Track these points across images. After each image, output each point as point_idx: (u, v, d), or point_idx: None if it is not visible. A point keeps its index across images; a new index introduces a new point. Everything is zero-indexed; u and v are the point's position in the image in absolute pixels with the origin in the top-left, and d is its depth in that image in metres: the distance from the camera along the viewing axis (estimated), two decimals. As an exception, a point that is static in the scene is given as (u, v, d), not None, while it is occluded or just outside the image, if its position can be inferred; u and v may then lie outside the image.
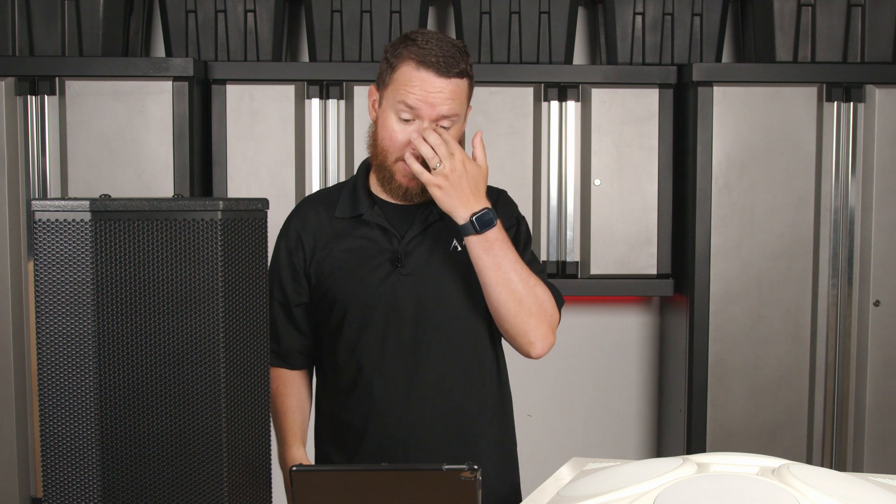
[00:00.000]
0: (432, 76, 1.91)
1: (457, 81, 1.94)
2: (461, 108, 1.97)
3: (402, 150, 1.95)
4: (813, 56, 3.25)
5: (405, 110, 1.93)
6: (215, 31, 3.27)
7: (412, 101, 1.92)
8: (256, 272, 1.54)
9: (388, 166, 1.98)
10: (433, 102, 1.92)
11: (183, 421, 1.48)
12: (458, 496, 1.45)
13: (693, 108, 3.17)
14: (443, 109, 1.92)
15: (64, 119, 3.10)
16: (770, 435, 3.20)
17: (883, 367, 3.20)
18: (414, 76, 1.92)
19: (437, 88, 1.91)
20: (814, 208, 3.18)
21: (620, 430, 3.74)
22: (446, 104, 1.92)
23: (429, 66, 1.91)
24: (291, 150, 3.21)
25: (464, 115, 2.00)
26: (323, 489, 1.49)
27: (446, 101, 1.92)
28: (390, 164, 1.98)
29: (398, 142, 1.95)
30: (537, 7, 3.28)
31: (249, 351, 1.53)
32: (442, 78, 1.92)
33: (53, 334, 1.46)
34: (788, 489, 1.34)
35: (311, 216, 2.07)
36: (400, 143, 1.95)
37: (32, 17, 3.18)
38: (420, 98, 1.91)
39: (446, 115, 1.93)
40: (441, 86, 1.92)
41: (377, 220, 2.02)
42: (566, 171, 3.28)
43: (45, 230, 1.46)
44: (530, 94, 3.24)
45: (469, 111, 2.04)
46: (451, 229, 2.02)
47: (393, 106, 1.95)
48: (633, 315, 3.74)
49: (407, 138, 1.94)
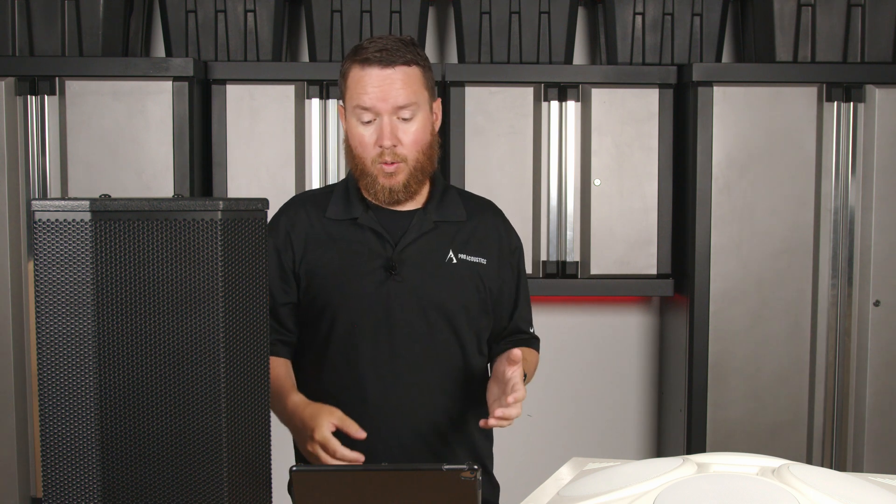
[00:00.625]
0: (376, 70, 1.94)
1: (404, 69, 1.95)
2: (417, 97, 1.97)
3: (373, 151, 1.97)
4: (813, 56, 3.25)
5: (363, 112, 1.96)
6: (215, 31, 3.28)
7: (366, 102, 1.95)
8: (256, 272, 1.54)
9: (368, 171, 1.99)
10: (384, 95, 1.94)
11: (183, 421, 1.48)
12: (458, 496, 1.45)
13: (693, 108, 3.18)
14: (397, 100, 1.94)
15: (64, 119, 3.10)
16: (770, 435, 3.20)
17: (883, 367, 3.20)
18: (361, 76, 1.95)
19: (384, 80, 1.94)
20: (814, 208, 3.18)
21: (620, 430, 3.74)
22: (399, 94, 1.94)
23: (371, 63, 1.94)
24: (291, 150, 3.21)
25: (427, 106, 2.00)
26: (323, 489, 1.49)
27: (398, 91, 1.94)
28: (369, 168, 1.99)
29: (367, 144, 1.97)
30: (537, 7, 3.28)
31: (249, 351, 1.53)
32: (387, 69, 1.94)
33: (53, 334, 1.46)
34: (788, 489, 1.33)
35: (302, 216, 2.06)
36: (369, 145, 1.97)
37: (32, 17, 3.18)
38: (372, 95, 1.94)
39: (402, 105, 1.95)
40: (387, 76, 1.94)
41: (372, 224, 2.02)
42: (566, 171, 3.28)
43: (45, 230, 1.45)
44: (530, 94, 3.25)
45: (438, 104, 2.05)
46: (446, 239, 2.04)
47: (353, 113, 1.98)
48: (633, 315, 3.74)
49: (374, 138, 1.96)
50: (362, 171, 2.00)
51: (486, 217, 2.12)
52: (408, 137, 1.97)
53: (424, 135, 1.99)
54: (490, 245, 2.09)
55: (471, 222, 2.09)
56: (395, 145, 1.96)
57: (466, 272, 2.04)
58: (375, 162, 1.97)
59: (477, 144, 3.24)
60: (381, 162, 1.97)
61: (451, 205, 2.08)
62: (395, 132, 1.95)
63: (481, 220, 2.11)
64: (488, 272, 2.07)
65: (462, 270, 2.03)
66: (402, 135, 1.96)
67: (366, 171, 1.99)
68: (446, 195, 2.09)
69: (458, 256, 2.04)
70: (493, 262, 2.08)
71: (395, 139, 1.96)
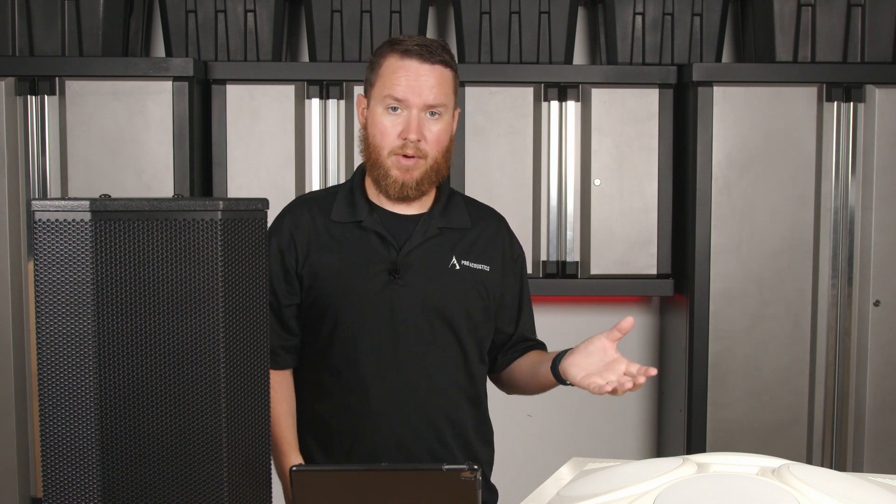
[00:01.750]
0: (416, 63, 1.94)
1: (441, 69, 1.96)
2: (447, 100, 1.97)
3: (394, 142, 1.96)
4: (813, 56, 3.25)
5: (393, 102, 1.95)
6: (215, 31, 3.28)
7: (399, 92, 1.94)
8: (256, 272, 1.54)
9: (382, 162, 1.98)
10: (419, 90, 1.94)
11: (183, 421, 1.48)
12: (458, 496, 1.45)
13: (693, 108, 3.18)
14: (429, 97, 1.94)
15: (64, 119, 3.10)
16: (770, 435, 3.20)
17: (883, 367, 3.20)
18: (398, 66, 1.95)
19: (422, 74, 1.94)
20: (814, 208, 3.18)
21: (620, 430, 3.74)
22: (432, 91, 1.94)
23: (412, 55, 1.95)
24: (291, 150, 3.21)
25: (451, 111, 2.01)
26: (323, 489, 1.49)
27: (432, 88, 1.94)
28: (384, 159, 1.98)
29: (389, 135, 1.96)
30: (537, 7, 3.28)
31: (249, 351, 1.53)
32: (426, 63, 1.94)
33: (53, 334, 1.46)
34: (788, 489, 1.33)
35: (305, 217, 2.05)
36: (391, 135, 1.96)
37: (32, 17, 3.18)
38: (406, 87, 1.94)
39: (433, 104, 1.95)
40: (426, 71, 1.94)
41: (376, 227, 2.01)
42: (566, 171, 3.28)
43: (45, 230, 1.45)
44: (530, 94, 3.25)
45: (457, 113, 2.05)
46: (450, 245, 2.04)
47: (381, 101, 1.97)
48: (633, 315, 3.73)
49: (397, 130, 1.95)
50: (376, 161, 1.99)
51: (489, 225, 2.12)
52: (432, 135, 1.96)
53: (445, 136, 1.99)
54: (493, 253, 2.09)
55: (474, 229, 2.08)
56: (420, 140, 1.95)
57: (469, 279, 2.04)
58: (392, 153, 1.96)
59: (477, 144, 3.24)
60: (398, 154, 1.96)
61: (455, 211, 2.08)
62: (421, 127, 1.95)
63: (485, 227, 2.10)
64: (491, 279, 2.07)
65: (465, 277, 2.03)
66: (426, 132, 1.96)
67: (380, 163, 1.98)
68: (451, 201, 2.09)
69: (462, 263, 2.04)
70: (496, 269, 2.08)
71: (421, 134, 1.95)
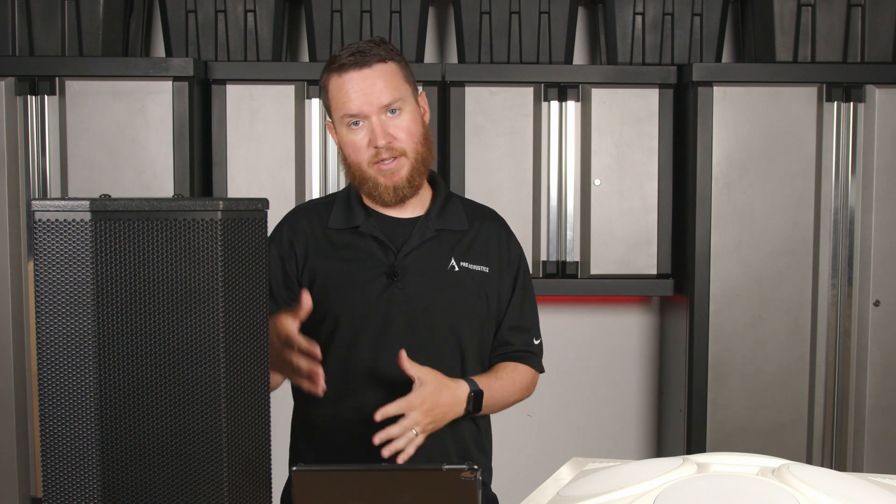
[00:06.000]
0: (354, 73, 1.94)
1: (381, 67, 1.95)
2: (400, 92, 1.97)
3: (367, 154, 1.96)
4: (813, 56, 3.26)
5: (350, 118, 1.96)
6: (215, 31, 3.28)
7: (352, 108, 1.95)
8: (256, 272, 1.54)
9: (366, 175, 1.98)
10: (368, 97, 1.94)
11: (183, 421, 1.48)
12: (458, 496, 1.45)
13: (693, 108, 3.18)
14: (381, 99, 1.94)
15: (64, 119, 3.10)
16: (770, 435, 3.20)
17: (883, 367, 3.20)
18: (340, 83, 1.95)
19: (364, 82, 1.94)
20: (814, 208, 3.18)
21: (620, 430, 3.74)
22: (381, 93, 1.94)
23: (347, 68, 1.94)
24: (291, 150, 3.21)
25: (412, 99, 2.00)
26: (323, 489, 1.49)
27: (380, 90, 1.94)
28: (366, 171, 1.98)
29: (360, 149, 1.97)
30: (537, 7, 3.28)
31: (249, 351, 1.53)
32: (364, 69, 1.94)
33: (53, 334, 1.46)
34: (788, 489, 1.33)
35: (303, 224, 2.05)
36: (362, 149, 1.96)
37: (32, 17, 3.18)
38: (355, 100, 1.94)
39: (388, 104, 1.95)
40: (366, 76, 1.94)
41: (373, 231, 2.01)
42: (566, 171, 3.28)
43: (45, 230, 1.45)
44: (530, 94, 3.25)
45: (423, 96, 2.04)
46: (448, 247, 2.03)
47: (341, 122, 1.98)
48: (633, 315, 3.74)
49: (366, 140, 1.96)
50: (361, 177, 1.99)
51: (487, 225, 2.11)
52: (400, 131, 1.96)
53: (416, 126, 1.98)
54: (491, 254, 2.08)
55: (472, 230, 2.08)
56: (390, 142, 1.95)
57: (469, 280, 2.03)
58: (371, 164, 1.96)
59: (477, 144, 3.24)
60: (376, 162, 1.96)
61: (452, 213, 2.07)
62: (385, 130, 1.95)
63: (483, 228, 2.10)
64: (491, 280, 2.06)
65: (464, 278, 2.03)
66: (393, 130, 1.96)
67: (365, 177, 1.98)
68: (448, 203, 2.09)
69: (461, 265, 2.03)
70: (494, 270, 2.07)
71: (388, 136, 1.95)
